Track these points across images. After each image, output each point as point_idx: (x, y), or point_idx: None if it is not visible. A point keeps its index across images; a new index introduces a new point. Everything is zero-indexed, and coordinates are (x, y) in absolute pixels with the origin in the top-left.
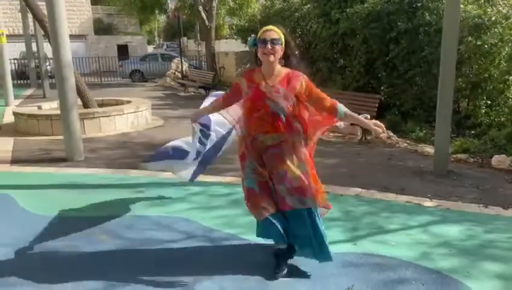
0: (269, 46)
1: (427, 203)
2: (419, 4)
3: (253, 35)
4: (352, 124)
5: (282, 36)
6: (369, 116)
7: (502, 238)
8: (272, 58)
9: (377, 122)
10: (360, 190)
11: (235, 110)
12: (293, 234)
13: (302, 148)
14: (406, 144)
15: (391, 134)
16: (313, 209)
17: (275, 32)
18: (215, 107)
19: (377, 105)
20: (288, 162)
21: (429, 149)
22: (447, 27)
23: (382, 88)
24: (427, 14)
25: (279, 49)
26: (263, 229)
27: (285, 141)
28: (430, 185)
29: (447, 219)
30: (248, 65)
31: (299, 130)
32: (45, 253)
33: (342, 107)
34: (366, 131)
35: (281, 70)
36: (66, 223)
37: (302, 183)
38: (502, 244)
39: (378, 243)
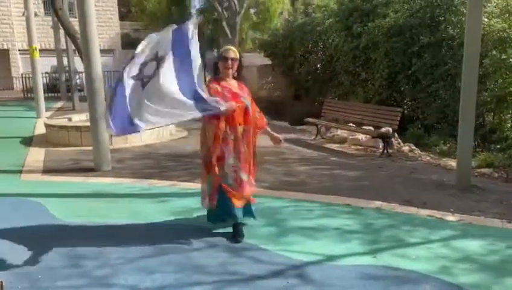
0: (229, 63)
1: (449, 217)
2: (441, 18)
3: (216, 50)
4: (373, 137)
5: (238, 55)
6: (390, 130)
7: None
8: (231, 71)
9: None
10: (381, 203)
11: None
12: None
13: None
14: (428, 158)
15: (413, 147)
16: None
17: (234, 52)
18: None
19: (399, 118)
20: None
21: (453, 163)
22: (469, 41)
23: (405, 101)
24: (450, 28)
25: (235, 65)
26: (228, 214)
27: (248, 131)
28: (452, 199)
29: (469, 233)
30: (270, 78)
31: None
32: (72, 259)
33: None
34: (387, 144)
35: (233, 79)
36: (94, 229)
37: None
38: None
39: (398, 256)
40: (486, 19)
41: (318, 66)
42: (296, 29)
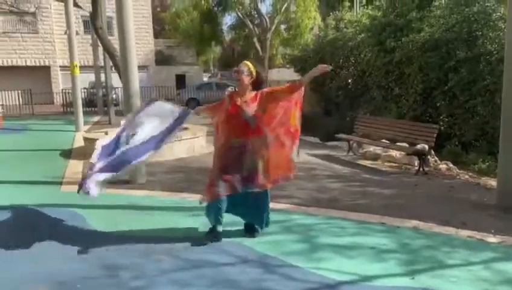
0: (235, 74)
1: (490, 239)
2: (479, 33)
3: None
4: (408, 154)
5: (252, 69)
6: (427, 147)
7: None
8: (240, 83)
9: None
10: (417, 222)
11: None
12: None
13: (262, 150)
14: (467, 176)
15: (451, 165)
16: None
17: (244, 64)
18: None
19: (435, 135)
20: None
21: (493, 182)
22: (509, 56)
23: (441, 117)
24: (487, 43)
25: (245, 77)
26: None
27: (247, 144)
28: (493, 220)
29: (511, 256)
30: None
31: (266, 134)
32: (110, 270)
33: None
34: (423, 162)
35: (251, 94)
36: (130, 241)
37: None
38: None
39: (437, 278)
40: None
41: (349, 81)
42: (326, 44)
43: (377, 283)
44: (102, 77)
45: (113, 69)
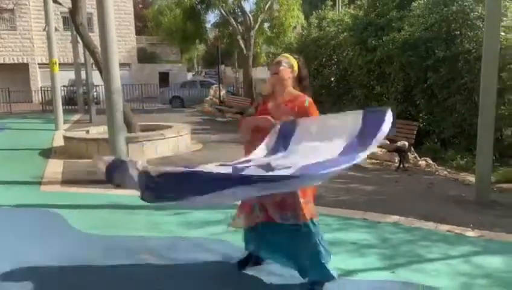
0: (273, 68)
1: (469, 233)
2: (457, 32)
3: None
4: (389, 151)
5: (293, 62)
6: (407, 144)
7: None
8: (273, 77)
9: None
10: (398, 217)
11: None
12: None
13: None
14: (446, 172)
15: (430, 162)
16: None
17: (283, 56)
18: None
19: (415, 132)
20: None
21: (471, 178)
22: (487, 55)
23: (421, 115)
24: (466, 42)
25: (285, 71)
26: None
27: None
28: (472, 215)
29: (490, 249)
30: None
31: None
32: (92, 270)
33: None
34: (403, 158)
35: (292, 92)
36: (112, 241)
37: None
38: None
39: (417, 272)
40: (503, 33)
41: (332, 79)
42: (310, 43)
43: (358, 278)
44: (83, 74)
45: (94, 66)
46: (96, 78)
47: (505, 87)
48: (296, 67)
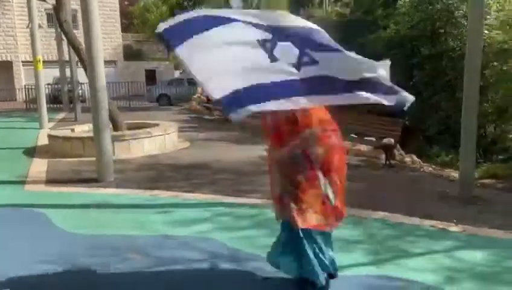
0: None
1: (452, 228)
2: (442, 30)
3: None
4: (375, 148)
5: None
6: (392, 141)
7: None
8: None
9: None
10: (384, 213)
11: None
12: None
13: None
14: (431, 169)
15: (415, 158)
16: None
17: None
18: None
19: (400, 129)
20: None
21: (455, 174)
22: (470, 53)
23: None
24: (450, 40)
25: None
26: None
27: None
28: (455, 210)
29: (472, 244)
30: None
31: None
32: (77, 270)
33: None
34: (389, 155)
35: None
36: (97, 240)
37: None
38: None
39: (402, 266)
40: (486, 31)
41: None
42: None
43: (345, 273)
44: (68, 72)
45: (79, 64)
46: (81, 75)
47: (488, 85)
48: None
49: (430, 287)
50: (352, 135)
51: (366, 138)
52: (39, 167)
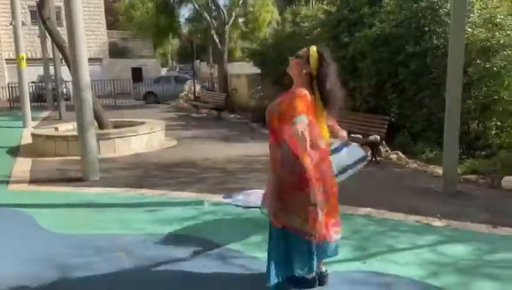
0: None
1: (436, 223)
2: (426, 28)
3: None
4: (361, 145)
5: (313, 56)
6: (378, 138)
7: (509, 258)
8: (287, 69)
9: None
10: (370, 209)
11: None
12: None
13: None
14: (416, 165)
15: (401, 155)
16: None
17: (305, 49)
18: None
19: (386, 126)
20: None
21: (439, 170)
22: (453, 50)
23: (392, 110)
24: (434, 38)
25: (295, 65)
26: None
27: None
28: (439, 205)
29: (455, 238)
30: (260, 87)
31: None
32: (62, 270)
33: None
34: (375, 152)
35: (297, 87)
36: (82, 240)
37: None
38: (509, 264)
39: (386, 261)
40: (469, 29)
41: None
42: (285, 38)
43: (332, 269)
44: (52, 70)
45: (63, 61)
46: (65, 73)
47: (471, 82)
48: (314, 63)
49: (414, 281)
50: None
51: (352, 135)
52: (23, 166)
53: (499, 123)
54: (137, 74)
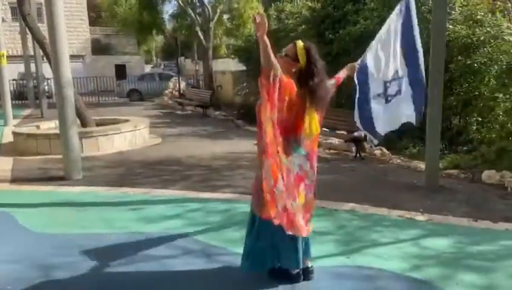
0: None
1: (419, 217)
2: None
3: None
4: (346, 141)
5: (301, 52)
6: (362, 134)
7: (489, 250)
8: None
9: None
10: (354, 205)
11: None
12: None
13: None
14: (399, 161)
15: (385, 150)
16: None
17: (292, 45)
18: None
19: None
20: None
21: (422, 165)
22: (434, 47)
23: None
24: None
25: (283, 61)
26: None
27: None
28: (422, 200)
29: (437, 232)
30: (245, 84)
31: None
32: (44, 270)
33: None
34: (360, 148)
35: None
36: (65, 240)
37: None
38: (489, 256)
39: (370, 256)
40: (451, 26)
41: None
42: (269, 35)
43: (316, 264)
44: (33, 67)
45: (44, 58)
46: (47, 70)
47: (453, 79)
48: (302, 58)
49: (397, 274)
50: (324, 129)
51: (337, 132)
52: (4, 165)
53: (480, 119)
54: (120, 71)
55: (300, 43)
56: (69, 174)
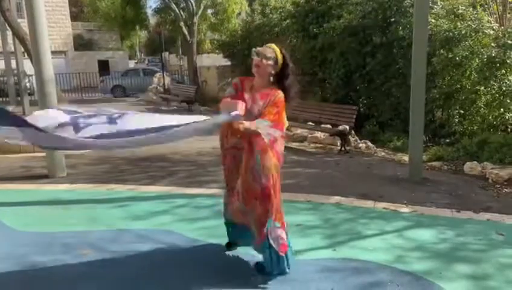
0: (255, 58)
1: (403, 209)
2: (392, 20)
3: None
4: (331, 135)
5: (279, 55)
6: (347, 128)
7: (472, 241)
8: (254, 69)
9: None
10: (339, 198)
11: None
12: None
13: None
14: (383, 153)
15: (369, 144)
16: None
17: (269, 48)
18: None
19: (355, 116)
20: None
21: (406, 158)
22: (417, 41)
23: (361, 100)
24: (400, 28)
25: (267, 64)
26: None
27: (243, 149)
28: (406, 192)
29: (421, 223)
30: (230, 79)
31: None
32: (28, 269)
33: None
34: (344, 141)
35: (269, 86)
36: (49, 238)
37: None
38: (472, 247)
39: (356, 248)
40: (433, 20)
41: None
42: (254, 30)
43: (302, 257)
44: (14, 63)
45: (25, 54)
46: (28, 67)
47: (435, 72)
48: (280, 62)
49: (383, 266)
50: (309, 123)
51: (322, 126)
52: None
53: (462, 111)
54: (104, 67)
55: (276, 48)
56: (53, 172)
